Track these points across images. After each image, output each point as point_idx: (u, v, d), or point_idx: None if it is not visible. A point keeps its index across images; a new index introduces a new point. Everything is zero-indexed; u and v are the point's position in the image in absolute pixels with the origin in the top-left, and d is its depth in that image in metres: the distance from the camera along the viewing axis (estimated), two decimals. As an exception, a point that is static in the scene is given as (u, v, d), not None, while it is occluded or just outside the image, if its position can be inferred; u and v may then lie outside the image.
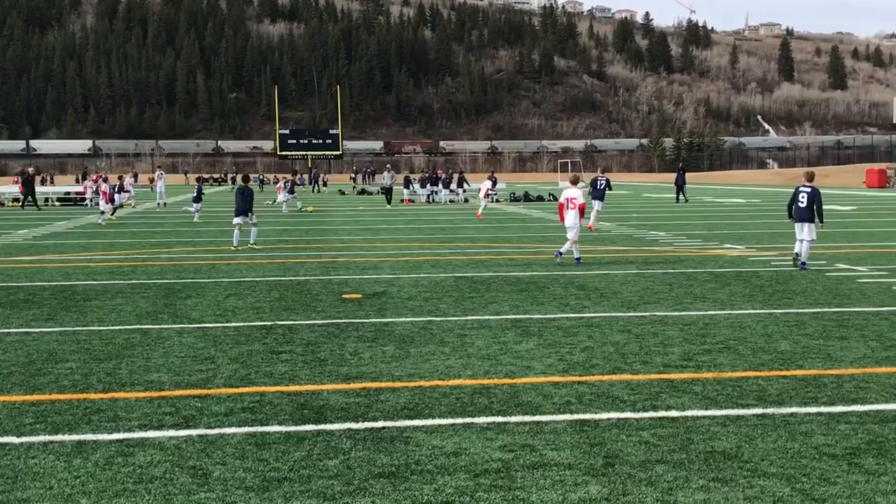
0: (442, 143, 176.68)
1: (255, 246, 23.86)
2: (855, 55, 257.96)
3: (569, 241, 19.58)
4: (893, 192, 66.09)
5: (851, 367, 9.51)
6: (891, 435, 7.14)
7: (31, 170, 53.67)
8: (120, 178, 45.52)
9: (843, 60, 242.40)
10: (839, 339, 10.99)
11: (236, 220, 24.06)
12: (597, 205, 30.99)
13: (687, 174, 54.63)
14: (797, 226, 18.55)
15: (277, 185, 49.64)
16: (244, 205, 23.93)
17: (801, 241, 18.42)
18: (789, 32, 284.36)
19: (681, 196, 49.77)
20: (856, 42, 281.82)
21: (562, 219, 19.75)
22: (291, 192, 45.38)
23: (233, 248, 23.54)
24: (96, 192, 49.26)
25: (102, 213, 35.59)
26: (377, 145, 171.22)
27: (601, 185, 31.83)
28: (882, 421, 7.54)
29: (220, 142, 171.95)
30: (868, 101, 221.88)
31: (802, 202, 18.41)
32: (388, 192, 50.15)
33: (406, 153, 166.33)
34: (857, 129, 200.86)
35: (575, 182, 20.31)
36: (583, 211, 19.53)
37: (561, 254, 19.54)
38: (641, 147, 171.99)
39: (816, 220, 18.29)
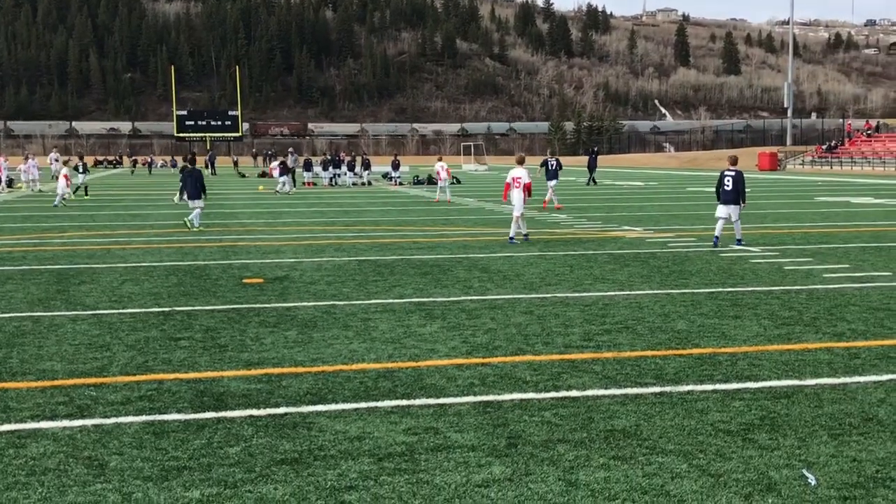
0: (311, 126, 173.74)
1: (199, 228, 23.75)
2: (748, 41, 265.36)
3: (514, 219, 20.26)
4: (784, 175, 68.30)
5: (745, 345, 9.78)
6: (783, 410, 7.37)
7: None
8: (81, 157, 45.33)
9: (736, 46, 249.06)
10: (733, 317, 11.30)
11: (193, 204, 24.02)
12: (552, 184, 32.31)
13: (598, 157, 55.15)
14: (721, 208, 19.17)
15: (270, 167, 47.98)
16: (196, 189, 23.88)
17: (721, 219, 19.19)
18: (685, 18, 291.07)
19: (590, 179, 50.79)
20: (749, 28, 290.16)
21: (505, 197, 21.01)
22: (284, 173, 43.73)
23: (195, 229, 23.54)
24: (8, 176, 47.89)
25: (63, 195, 35.40)
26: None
27: (552, 165, 33.03)
28: (774, 397, 7.77)
29: (74, 123, 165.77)
30: (760, 86, 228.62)
31: (728, 185, 19.07)
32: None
33: (273, 135, 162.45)
34: (750, 113, 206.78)
35: (521, 162, 20.90)
36: (529, 190, 20.17)
37: (513, 238, 20.09)
38: (512, 130, 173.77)
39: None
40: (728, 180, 19.06)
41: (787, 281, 14.37)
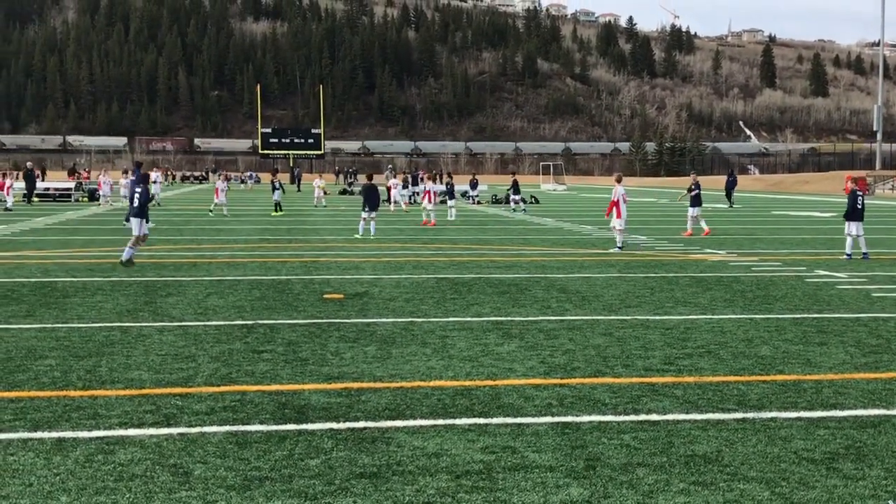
0: (197, 141, 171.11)
1: (373, 237, 26.62)
2: (836, 63, 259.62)
3: (618, 232, 23.38)
4: (873, 199, 66.58)
5: (830, 372, 9.57)
6: (868, 440, 7.20)
7: (29, 164, 53.98)
8: (275, 174, 48.09)
9: (824, 67, 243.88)
10: (819, 344, 11.07)
11: (365, 215, 27.19)
12: (695, 211, 30.03)
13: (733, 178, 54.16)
14: (849, 224, 21.31)
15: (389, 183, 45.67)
16: (376, 201, 27.18)
17: (851, 236, 21.07)
18: (772, 39, 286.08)
19: (730, 200, 51.34)
20: (837, 49, 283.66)
21: (609, 213, 23.68)
22: (448, 198, 38.43)
23: (357, 237, 26.94)
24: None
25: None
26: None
27: (696, 190, 30.41)
28: (860, 426, 7.60)
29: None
30: (849, 108, 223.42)
31: (860, 205, 21.25)
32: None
33: (155, 151, 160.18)
34: (838, 136, 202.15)
35: (619, 181, 24.11)
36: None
37: (622, 246, 23.23)
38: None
39: None
40: (861, 201, 21.03)
41: (875, 308, 14.02)
